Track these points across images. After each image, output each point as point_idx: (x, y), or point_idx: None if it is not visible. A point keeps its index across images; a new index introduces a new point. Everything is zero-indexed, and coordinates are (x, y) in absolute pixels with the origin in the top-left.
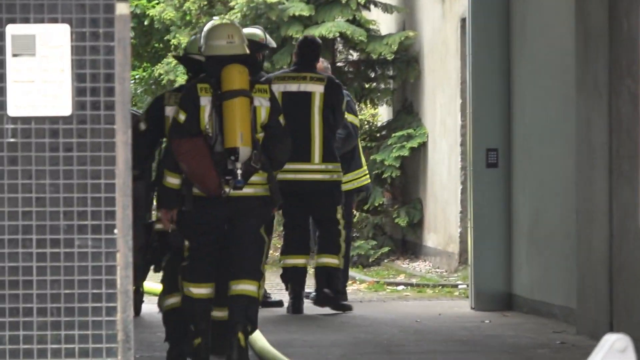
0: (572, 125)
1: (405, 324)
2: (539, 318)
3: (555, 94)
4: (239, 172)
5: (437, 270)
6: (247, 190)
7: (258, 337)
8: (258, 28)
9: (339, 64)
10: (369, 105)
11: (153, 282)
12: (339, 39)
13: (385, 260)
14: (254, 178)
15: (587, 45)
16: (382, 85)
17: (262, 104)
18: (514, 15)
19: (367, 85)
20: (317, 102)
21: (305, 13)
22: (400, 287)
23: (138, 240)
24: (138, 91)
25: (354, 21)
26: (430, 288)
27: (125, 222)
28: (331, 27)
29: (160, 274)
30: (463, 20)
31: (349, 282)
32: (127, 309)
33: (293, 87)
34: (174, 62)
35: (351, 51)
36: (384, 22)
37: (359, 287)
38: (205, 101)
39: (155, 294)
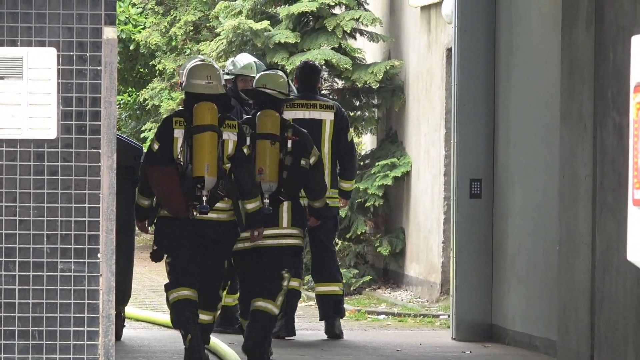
0: (556, 157)
1: (386, 353)
2: (519, 349)
3: (540, 125)
4: (204, 198)
5: (419, 299)
6: (211, 215)
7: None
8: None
9: (324, 92)
10: (353, 134)
11: (134, 307)
12: (324, 66)
13: (367, 289)
14: (219, 205)
15: (573, 76)
16: (367, 114)
17: (230, 138)
18: (500, 45)
19: (351, 114)
20: (327, 129)
21: (291, 40)
22: (382, 316)
23: None
24: (123, 116)
25: (340, 49)
26: (411, 317)
27: (108, 246)
28: (317, 54)
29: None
30: (449, 50)
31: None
32: (109, 333)
33: (301, 114)
34: (159, 87)
35: (336, 79)
36: (369, 50)
37: None
38: (179, 133)
39: (137, 319)
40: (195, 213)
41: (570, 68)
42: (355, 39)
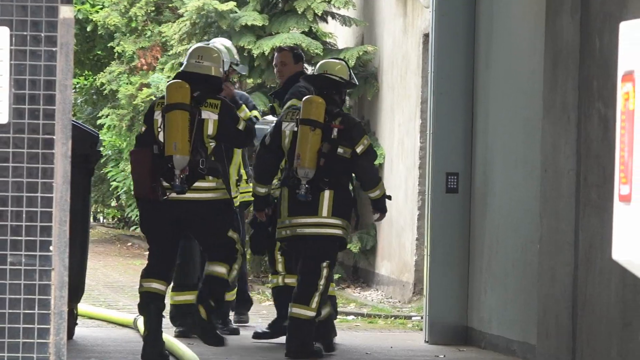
0: (537, 150)
1: (355, 356)
2: (496, 354)
3: (521, 117)
4: (178, 178)
5: (390, 300)
6: (192, 195)
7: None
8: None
9: None
10: None
11: (88, 304)
12: None
13: (335, 288)
14: (202, 184)
15: (556, 65)
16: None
17: (210, 117)
18: (480, 31)
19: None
20: None
21: (259, 23)
22: (351, 317)
23: None
24: (78, 101)
25: (310, 33)
26: (382, 319)
27: (61, 238)
28: (285, 39)
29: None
30: (426, 35)
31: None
32: (61, 331)
33: None
34: (118, 70)
35: (306, 65)
36: (341, 35)
37: None
38: (158, 115)
39: (90, 317)
40: (167, 194)
41: (554, 56)
42: (327, 22)
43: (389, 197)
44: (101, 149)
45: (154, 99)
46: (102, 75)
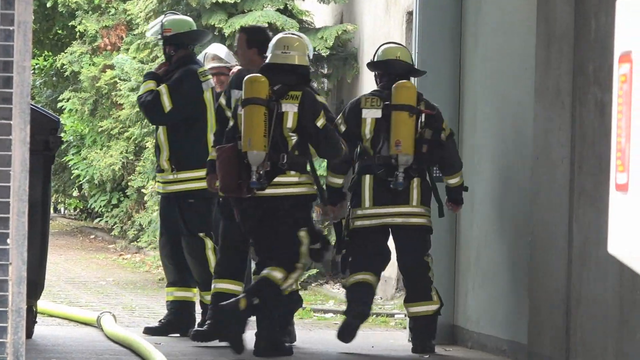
0: (529, 137)
1: (334, 356)
2: (485, 354)
3: (512, 101)
4: (255, 175)
5: None
6: (273, 191)
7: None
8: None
9: None
10: None
11: (48, 301)
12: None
13: (313, 284)
14: (283, 179)
15: (550, 47)
16: (315, 85)
17: (290, 110)
18: (468, 10)
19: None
20: None
21: (230, 0)
22: (329, 315)
23: None
24: (37, 82)
25: (285, 11)
26: None
27: (20, 231)
28: (259, 16)
29: None
30: (409, 14)
31: None
32: (19, 330)
33: None
34: (79, 51)
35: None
36: (319, 13)
37: None
38: (240, 110)
39: (50, 315)
40: (253, 190)
41: (547, 37)
42: None
43: (466, 188)
44: (62, 134)
45: (117, 81)
46: (63, 56)
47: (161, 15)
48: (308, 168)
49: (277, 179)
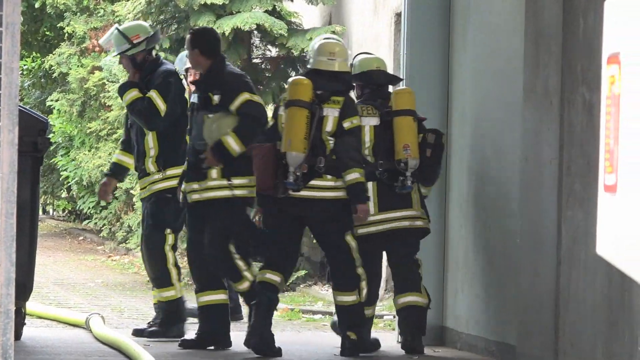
0: (517, 138)
1: (322, 358)
2: (474, 355)
3: (500, 102)
4: (292, 176)
5: None
6: (308, 193)
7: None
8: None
9: (255, 60)
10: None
11: (36, 303)
12: (255, 32)
13: (302, 285)
14: (319, 182)
15: (538, 46)
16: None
17: (331, 114)
18: (456, 11)
19: (286, 85)
20: None
21: (218, 1)
22: (318, 316)
23: None
24: (25, 84)
25: (274, 12)
26: None
27: (8, 232)
28: (247, 18)
29: None
30: (398, 15)
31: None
32: (8, 331)
33: None
34: (68, 52)
35: (269, 46)
36: (307, 14)
37: None
38: (282, 110)
39: (39, 316)
40: (289, 191)
41: (535, 37)
42: (292, 0)
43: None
44: (50, 136)
45: (106, 82)
46: (51, 57)
47: (149, 16)
48: None
49: (313, 182)
